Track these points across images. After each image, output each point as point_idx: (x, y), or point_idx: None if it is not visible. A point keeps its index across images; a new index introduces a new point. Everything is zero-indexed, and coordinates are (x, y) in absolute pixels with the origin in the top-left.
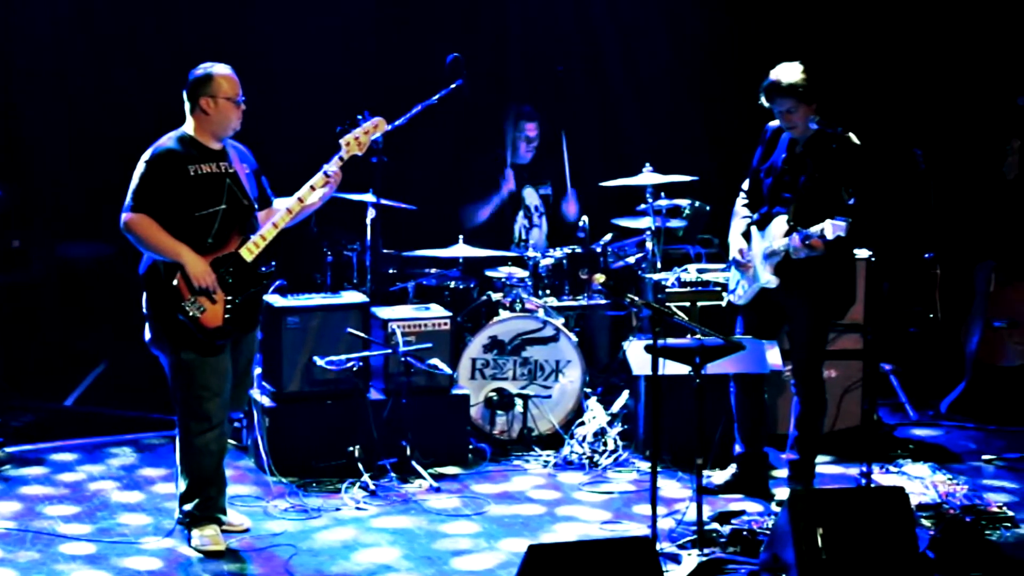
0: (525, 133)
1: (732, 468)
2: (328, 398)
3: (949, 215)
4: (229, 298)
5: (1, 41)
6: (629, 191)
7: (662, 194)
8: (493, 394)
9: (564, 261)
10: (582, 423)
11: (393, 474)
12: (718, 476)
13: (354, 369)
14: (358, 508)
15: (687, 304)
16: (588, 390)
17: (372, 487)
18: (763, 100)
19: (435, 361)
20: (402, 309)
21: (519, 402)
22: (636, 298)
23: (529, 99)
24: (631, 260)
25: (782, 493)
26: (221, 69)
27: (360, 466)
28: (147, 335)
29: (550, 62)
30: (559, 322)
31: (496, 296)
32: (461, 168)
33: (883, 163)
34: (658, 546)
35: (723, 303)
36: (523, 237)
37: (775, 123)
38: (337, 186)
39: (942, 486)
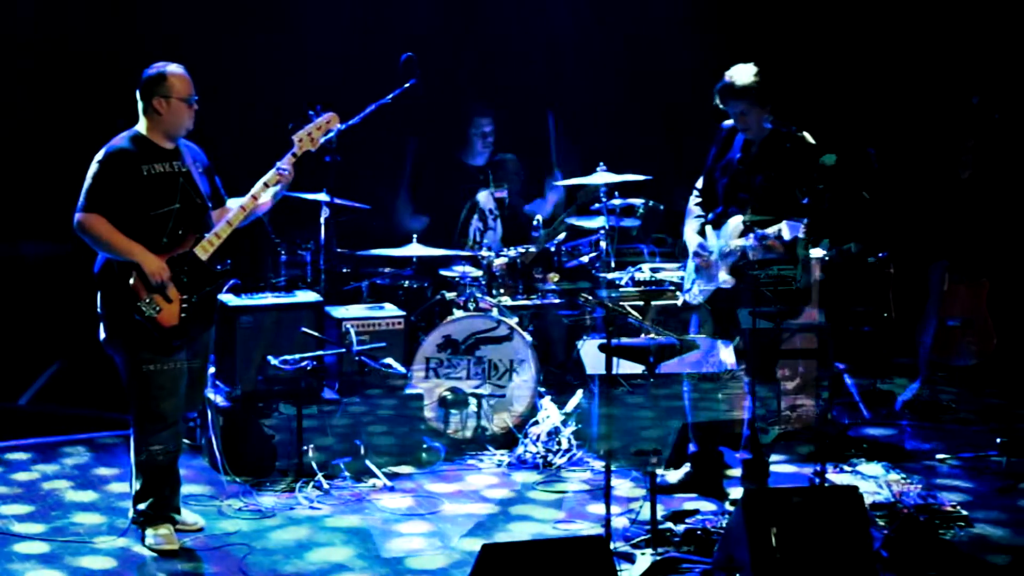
0: (481, 129)
1: (686, 467)
2: (282, 397)
3: (903, 214)
4: (185, 297)
5: None
6: (583, 190)
7: (616, 193)
8: (447, 393)
9: (518, 260)
10: (536, 422)
11: (347, 473)
12: (672, 475)
13: (308, 368)
14: (312, 507)
15: (641, 303)
16: (542, 389)
17: (326, 486)
18: (717, 102)
19: (389, 360)
20: (356, 308)
21: (473, 401)
22: (590, 297)
23: (485, 98)
24: (585, 259)
25: (736, 492)
26: (174, 69)
27: (314, 465)
28: (101, 335)
29: (508, 61)
30: (513, 321)
31: (450, 295)
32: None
33: (837, 162)
34: (612, 545)
35: (678, 302)
36: (477, 240)
37: (730, 122)
38: (290, 183)
39: (896, 485)
